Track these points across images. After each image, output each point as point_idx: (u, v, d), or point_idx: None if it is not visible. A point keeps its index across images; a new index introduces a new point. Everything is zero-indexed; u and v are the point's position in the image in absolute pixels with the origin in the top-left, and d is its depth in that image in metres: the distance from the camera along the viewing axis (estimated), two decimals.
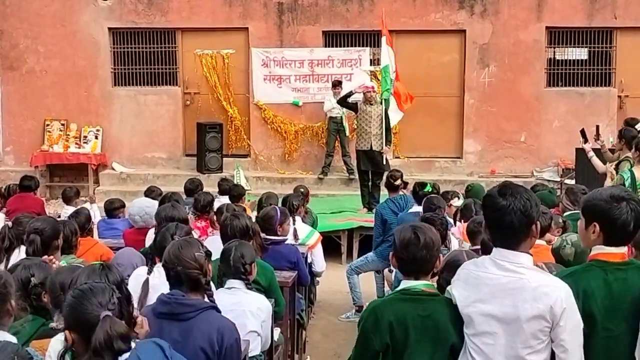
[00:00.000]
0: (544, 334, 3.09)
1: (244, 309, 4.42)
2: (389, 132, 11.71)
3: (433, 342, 3.30)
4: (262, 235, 6.03)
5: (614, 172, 7.93)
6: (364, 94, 11.79)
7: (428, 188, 8.04)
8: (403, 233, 3.48)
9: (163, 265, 3.92)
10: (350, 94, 12.03)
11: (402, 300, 3.41)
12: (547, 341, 3.10)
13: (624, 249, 3.28)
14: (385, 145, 11.67)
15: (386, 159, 11.80)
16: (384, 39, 11.62)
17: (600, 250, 3.26)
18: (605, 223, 3.24)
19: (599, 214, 3.26)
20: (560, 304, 3.04)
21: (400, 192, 8.79)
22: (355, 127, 12.29)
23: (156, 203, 7.03)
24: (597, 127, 9.43)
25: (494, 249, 3.21)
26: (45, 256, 4.66)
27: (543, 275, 3.17)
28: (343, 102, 12.18)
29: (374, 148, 11.61)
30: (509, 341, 3.12)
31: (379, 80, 12.54)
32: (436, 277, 4.08)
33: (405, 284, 3.44)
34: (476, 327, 3.18)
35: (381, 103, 11.64)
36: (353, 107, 12.03)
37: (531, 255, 3.19)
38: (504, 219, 3.12)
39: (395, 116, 12.15)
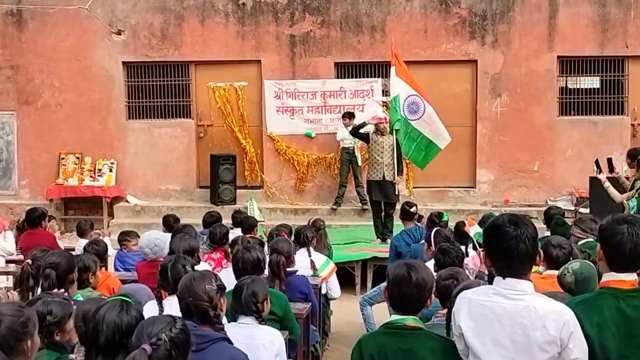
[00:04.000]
0: (553, 359, 3.09)
1: (256, 342, 4.39)
2: (401, 162, 11.70)
3: None
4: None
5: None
6: (376, 125, 11.81)
7: (445, 218, 8.05)
8: (397, 270, 3.52)
9: (177, 296, 3.95)
10: (362, 125, 12.04)
11: (384, 334, 3.49)
12: None
13: (633, 276, 3.26)
14: (397, 175, 11.66)
15: (398, 190, 11.77)
16: (393, 70, 11.61)
17: (611, 278, 3.27)
18: (604, 244, 3.28)
19: (601, 236, 3.32)
20: (567, 328, 3.07)
21: (414, 224, 8.80)
22: (367, 157, 12.30)
23: (166, 236, 7.05)
24: (610, 160, 9.34)
25: (497, 279, 3.22)
26: (65, 293, 4.67)
27: (547, 301, 3.19)
28: (356, 132, 12.19)
29: (386, 178, 11.60)
30: None
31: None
32: (445, 310, 4.09)
33: (392, 317, 3.51)
34: (485, 357, 3.17)
35: (391, 133, 11.63)
36: (365, 137, 12.04)
37: (532, 281, 3.21)
38: (518, 247, 3.13)
39: (442, 140, 11.59)
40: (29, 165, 14.91)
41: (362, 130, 12.03)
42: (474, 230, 6.68)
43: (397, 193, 11.71)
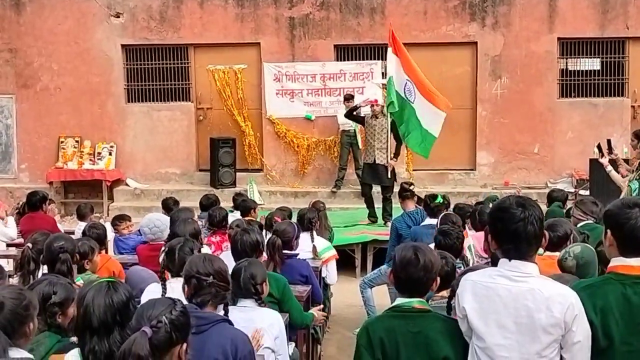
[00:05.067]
0: (557, 342, 3.10)
1: (256, 325, 4.40)
2: (398, 146, 11.55)
3: (424, 358, 3.35)
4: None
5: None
6: (370, 107, 11.77)
7: (439, 199, 8.05)
8: (404, 252, 3.51)
9: (192, 277, 3.88)
10: (355, 108, 12.03)
11: (393, 317, 3.48)
12: (558, 349, 3.12)
13: None
14: (392, 158, 11.57)
15: (392, 172, 11.65)
16: (389, 51, 11.47)
17: (619, 262, 3.22)
18: (615, 229, 3.22)
19: (610, 220, 3.26)
20: (572, 311, 3.07)
21: (415, 206, 8.80)
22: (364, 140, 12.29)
23: (167, 218, 7.05)
24: (609, 141, 9.34)
25: (502, 261, 3.21)
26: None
27: (552, 284, 3.18)
28: (350, 115, 12.15)
29: (377, 161, 11.54)
30: (523, 352, 3.12)
31: None
32: (442, 292, 4.08)
33: (398, 301, 3.50)
34: (488, 339, 3.17)
35: (386, 115, 11.51)
36: (360, 120, 12.02)
37: (537, 264, 3.21)
38: (526, 229, 3.13)
39: (435, 124, 11.19)
40: (28, 148, 14.89)
41: (355, 113, 12.01)
42: None
43: (389, 176, 11.61)
